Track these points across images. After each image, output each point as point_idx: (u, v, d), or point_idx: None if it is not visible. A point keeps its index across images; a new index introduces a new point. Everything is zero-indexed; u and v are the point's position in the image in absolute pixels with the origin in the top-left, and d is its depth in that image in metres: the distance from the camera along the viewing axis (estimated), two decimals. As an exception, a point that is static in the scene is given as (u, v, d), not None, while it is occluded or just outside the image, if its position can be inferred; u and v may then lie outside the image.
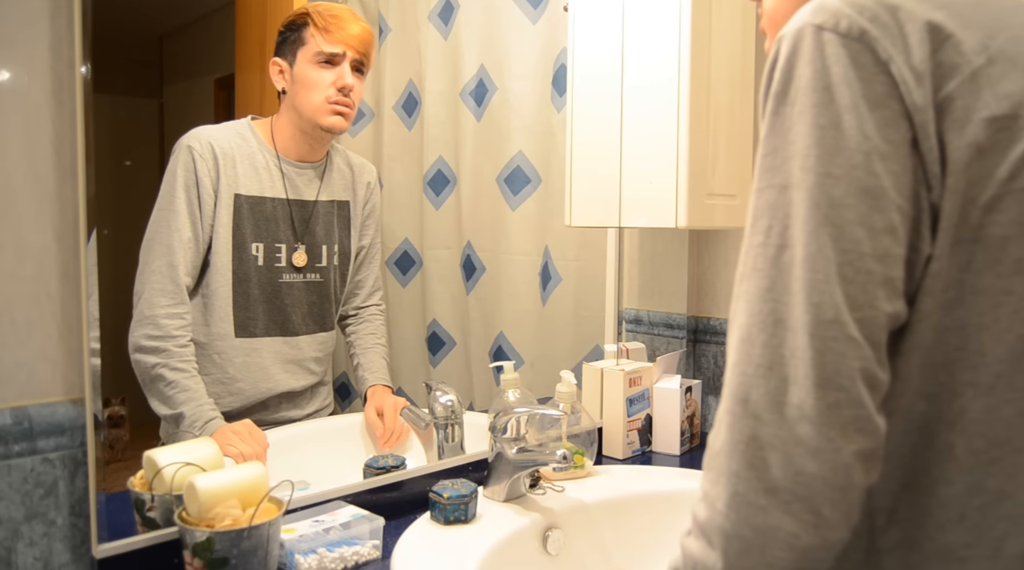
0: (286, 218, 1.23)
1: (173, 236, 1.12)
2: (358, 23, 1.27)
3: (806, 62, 0.57)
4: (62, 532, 0.88)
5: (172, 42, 1.25)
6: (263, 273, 1.21)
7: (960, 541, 0.57)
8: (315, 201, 1.28)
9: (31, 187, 0.86)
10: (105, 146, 0.93)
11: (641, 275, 1.65)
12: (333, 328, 1.35)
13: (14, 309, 0.85)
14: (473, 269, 1.63)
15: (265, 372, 1.23)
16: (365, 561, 0.99)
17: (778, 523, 0.53)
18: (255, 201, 1.20)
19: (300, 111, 1.24)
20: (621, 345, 1.54)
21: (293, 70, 1.23)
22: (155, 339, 1.11)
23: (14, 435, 0.84)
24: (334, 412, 1.40)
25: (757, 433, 0.54)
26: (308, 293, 1.27)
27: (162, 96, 1.21)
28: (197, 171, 1.14)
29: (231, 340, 1.19)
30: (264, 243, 1.21)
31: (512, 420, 1.15)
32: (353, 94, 1.25)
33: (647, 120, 1.31)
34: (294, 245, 1.24)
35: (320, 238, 1.28)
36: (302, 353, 1.28)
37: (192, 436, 1.11)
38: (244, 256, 1.19)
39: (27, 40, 0.85)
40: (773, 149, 0.59)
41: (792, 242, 0.55)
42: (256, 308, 1.21)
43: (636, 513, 1.20)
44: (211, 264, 1.16)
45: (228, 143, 1.18)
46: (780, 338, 0.55)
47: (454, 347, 1.64)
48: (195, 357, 1.15)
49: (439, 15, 1.61)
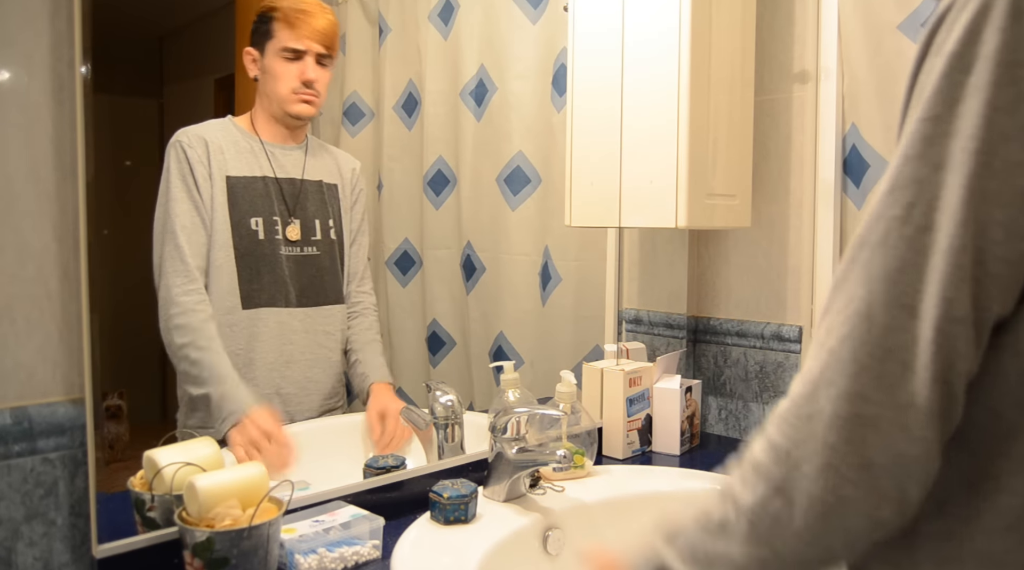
0: (278, 194, 1.28)
1: (175, 221, 1.16)
2: (322, 16, 1.31)
3: (996, 28, 0.51)
4: (62, 532, 0.88)
5: (172, 42, 1.25)
6: (264, 246, 1.26)
7: (1002, 547, 0.57)
8: (302, 179, 1.33)
9: (31, 187, 0.86)
10: (105, 146, 0.93)
11: (641, 275, 1.65)
12: (341, 302, 1.37)
13: (14, 309, 0.85)
14: (473, 269, 1.63)
15: (273, 342, 1.26)
16: (365, 561, 0.99)
17: (865, 496, 0.55)
18: (247, 181, 1.25)
19: (271, 99, 1.29)
20: (621, 345, 1.54)
21: (263, 60, 1.28)
22: (177, 316, 1.15)
23: (14, 435, 0.84)
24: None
25: (862, 411, 0.54)
26: (308, 266, 1.31)
27: (162, 96, 1.22)
28: (190, 160, 1.19)
29: (239, 312, 1.23)
30: (263, 217, 1.26)
31: (512, 420, 1.15)
32: (318, 84, 1.30)
33: (647, 120, 1.31)
34: (288, 220, 1.29)
35: (312, 213, 1.33)
36: (311, 325, 1.31)
37: (218, 422, 1.15)
38: (244, 232, 1.23)
39: (27, 40, 0.85)
40: (935, 116, 0.54)
41: (936, 228, 0.53)
42: (260, 280, 1.25)
43: (636, 513, 1.20)
44: (212, 242, 1.21)
45: (214, 134, 1.23)
46: (904, 323, 0.53)
47: (454, 347, 1.64)
48: (219, 336, 1.19)
49: (439, 15, 1.61)
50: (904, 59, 1.29)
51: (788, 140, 1.51)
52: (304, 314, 1.30)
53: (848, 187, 1.43)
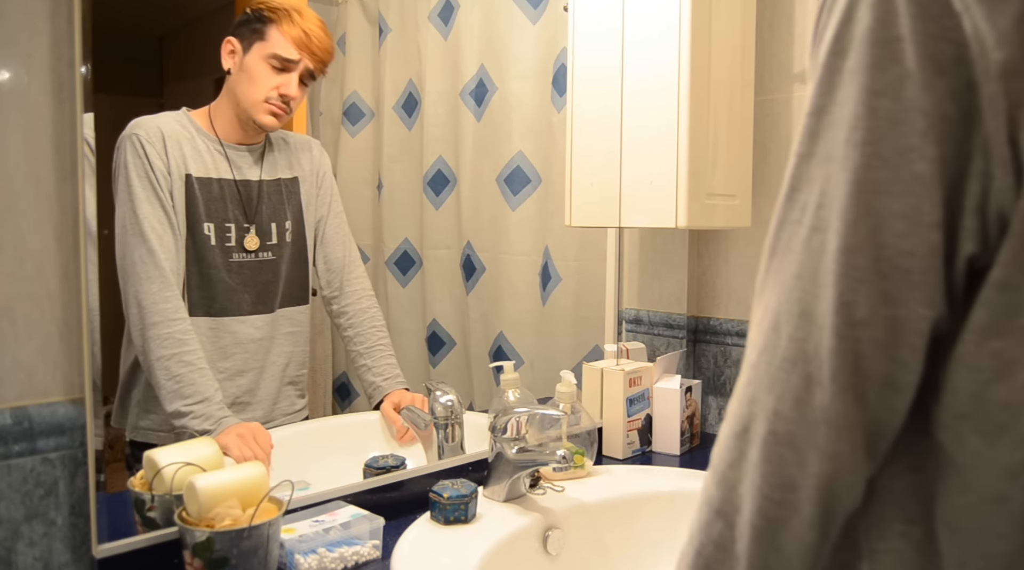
0: (234, 198, 1.23)
1: (144, 224, 1.11)
2: (325, 35, 1.27)
3: (868, 4, 0.47)
4: (62, 532, 0.88)
5: (172, 42, 1.25)
6: (215, 253, 1.20)
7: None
8: (259, 181, 1.27)
9: (31, 187, 0.86)
10: (105, 146, 0.93)
11: (641, 275, 1.65)
12: (304, 303, 1.31)
13: (14, 309, 0.85)
14: (473, 269, 1.63)
15: (223, 352, 1.21)
16: (365, 561, 0.99)
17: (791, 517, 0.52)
18: (204, 182, 1.19)
19: (238, 99, 1.23)
20: (621, 345, 1.54)
21: (244, 58, 1.23)
22: (157, 325, 1.10)
23: (14, 435, 0.84)
24: (334, 412, 1.40)
25: (777, 428, 0.51)
26: (263, 272, 1.26)
27: (162, 96, 1.21)
28: (148, 156, 1.13)
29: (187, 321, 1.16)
30: (215, 223, 1.20)
31: (512, 420, 1.15)
32: (294, 102, 1.25)
33: (647, 120, 1.31)
34: (244, 225, 1.24)
35: (268, 217, 1.27)
36: (268, 331, 1.26)
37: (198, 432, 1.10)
38: (197, 237, 1.18)
39: (27, 40, 0.85)
40: (818, 109, 0.50)
41: (826, 227, 0.49)
42: (210, 288, 1.19)
43: (636, 513, 1.20)
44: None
45: (170, 127, 1.17)
46: (805, 332, 0.50)
47: (454, 347, 1.64)
48: (200, 347, 1.14)
49: (439, 15, 1.61)
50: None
51: (788, 140, 1.51)
52: (260, 320, 1.25)
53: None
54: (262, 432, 1.17)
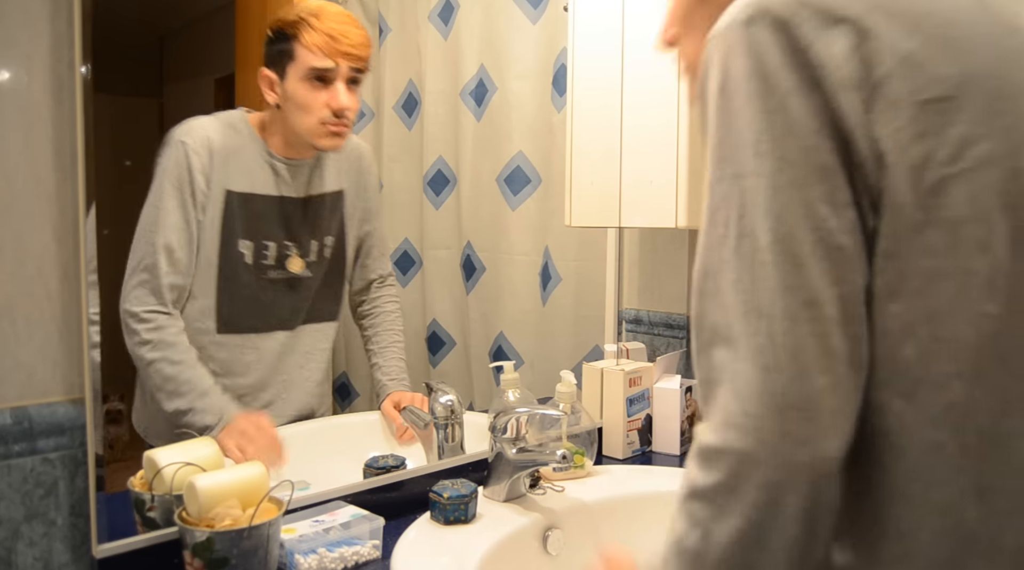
0: (276, 216, 1.18)
1: (158, 237, 1.08)
2: (353, 28, 1.18)
3: (740, 54, 0.57)
4: (62, 532, 0.88)
5: (172, 42, 1.25)
6: (249, 272, 1.17)
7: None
8: (307, 197, 1.23)
9: (31, 187, 0.86)
10: (105, 146, 0.93)
11: (641, 275, 1.65)
12: (334, 319, 1.32)
13: (14, 309, 0.85)
14: (473, 269, 1.63)
15: (247, 368, 1.20)
16: (365, 561, 0.99)
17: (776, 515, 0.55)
18: (245, 197, 1.15)
19: (294, 129, 1.17)
20: (621, 345, 1.54)
21: (284, 86, 1.15)
22: (145, 332, 1.08)
23: (14, 435, 0.84)
24: (335, 412, 1.40)
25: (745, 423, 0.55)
26: (299, 289, 1.24)
27: (162, 96, 1.21)
28: (192, 168, 1.10)
29: (213, 335, 1.15)
30: (253, 241, 1.16)
31: (512, 420, 1.15)
32: (350, 112, 1.18)
33: (647, 120, 1.31)
34: (285, 243, 1.19)
35: (310, 234, 1.24)
36: (294, 346, 1.25)
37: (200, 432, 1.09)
38: (231, 253, 1.15)
39: (27, 40, 0.85)
40: (720, 140, 0.59)
41: (753, 230, 0.55)
42: (241, 305, 1.17)
43: (636, 513, 1.20)
44: (198, 261, 1.12)
45: (222, 136, 1.14)
46: (756, 327, 0.54)
47: (454, 347, 1.64)
48: (192, 346, 1.12)
49: (439, 15, 1.61)
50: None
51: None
52: (287, 336, 1.23)
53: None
54: (266, 426, 1.16)
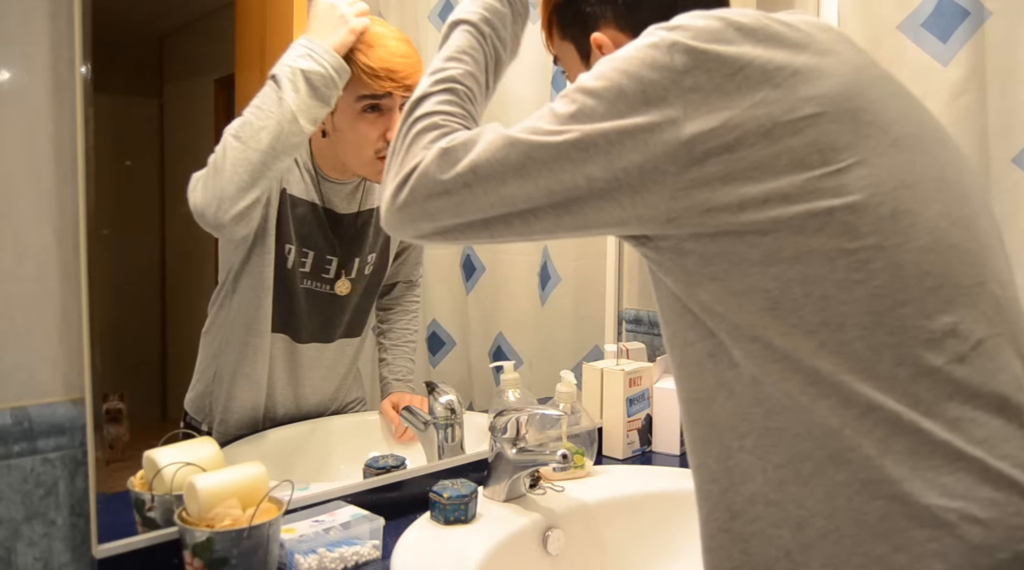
0: (321, 227, 1.18)
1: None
2: (407, 48, 1.10)
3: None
4: (62, 532, 0.88)
5: (172, 42, 1.25)
6: (291, 276, 1.17)
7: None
8: (354, 213, 1.22)
9: (31, 187, 0.86)
10: (105, 146, 0.93)
11: (641, 275, 1.65)
12: (358, 335, 1.32)
13: (14, 309, 0.85)
14: (473, 269, 1.63)
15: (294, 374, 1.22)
16: (365, 561, 0.99)
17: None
18: (297, 201, 1.15)
19: (346, 161, 1.15)
20: (621, 345, 1.54)
21: (333, 117, 1.10)
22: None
23: (14, 435, 0.84)
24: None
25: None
26: (332, 305, 1.24)
27: (162, 96, 1.21)
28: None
29: (267, 335, 1.16)
30: (295, 246, 1.16)
31: (512, 420, 1.15)
32: None
33: (647, 120, 1.31)
34: (326, 256, 1.20)
35: (354, 251, 1.23)
36: (315, 360, 1.26)
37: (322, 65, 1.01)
38: (279, 254, 1.15)
39: (27, 40, 0.85)
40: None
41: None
42: (285, 307, 1.17)
43: (636, 513, 1.20)
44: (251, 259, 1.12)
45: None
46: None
47: (454, 347, 1.64)
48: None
49: (439, 15, 1.60)
50: (904, 59, 1.29)
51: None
52: (311, 349, 1.24)
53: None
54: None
